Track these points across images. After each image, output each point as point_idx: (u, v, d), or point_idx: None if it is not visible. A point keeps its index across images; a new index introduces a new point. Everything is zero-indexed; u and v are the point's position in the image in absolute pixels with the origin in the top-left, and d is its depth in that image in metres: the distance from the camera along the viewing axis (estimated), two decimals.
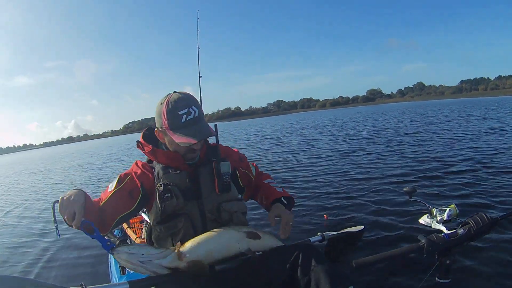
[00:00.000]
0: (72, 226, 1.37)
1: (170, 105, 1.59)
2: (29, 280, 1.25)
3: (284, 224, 1.65)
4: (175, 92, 1.65)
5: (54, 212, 1.42)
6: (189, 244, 1.48)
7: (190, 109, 1.58)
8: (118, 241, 2.64)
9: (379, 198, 4.81)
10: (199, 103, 1.66)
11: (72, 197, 1.38)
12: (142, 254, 1.39)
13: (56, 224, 1.42)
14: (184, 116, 1.57)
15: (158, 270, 1.41)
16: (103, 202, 1.61)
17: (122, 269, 2.62)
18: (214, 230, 1.55)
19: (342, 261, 2.03)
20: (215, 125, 1.81)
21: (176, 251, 1.44)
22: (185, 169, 1.69)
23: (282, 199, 1.85)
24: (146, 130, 1.80)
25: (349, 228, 2.58)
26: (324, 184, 6.02)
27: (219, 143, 1.82)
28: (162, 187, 1.62)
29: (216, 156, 1.76)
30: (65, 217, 1.36)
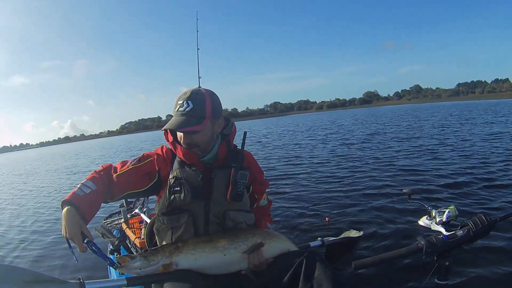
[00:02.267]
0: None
1: (179, 94, 1.67)
2: (27, 270, 1.25)
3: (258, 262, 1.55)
4: (199, 87, 1.71)
5: (68, 241, 1.48)
6: (184, 254, 1.48)
7: (185, 102, 1.60)
8: (117, 242, 2.61)
9: (378, 199, 4.80)
10: (206, 101, 1.64)
11: (71, 231, 1.44)
12: (140, 269, 1.46)
13: (71, 250, 1.50)
14: (178, 106, 1.62)
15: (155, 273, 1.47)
16: (118, 173, 1.67)
17: None
18: (218, 244, 1.52)
19: (342, 265, 2.03)
20: (244, 133, 1.85)
21: (167, 262, 1.47)
22: (200, 167, 1.68)
23: None
24: None
25: (348, 233, 2.57)
26: (323, 187, 5.96)
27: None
28: (173, 180, 1.63)
29: (238, 162, 1.73)
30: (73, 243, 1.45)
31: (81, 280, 1.32)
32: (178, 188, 1.60)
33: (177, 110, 1.61)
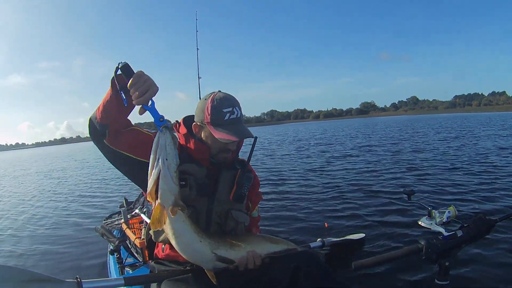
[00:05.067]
0: (137, 99, 1.30)
1: (215, 102, 1.57)
2: (24, 270, 1.24)
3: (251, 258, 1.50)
4: (219, 91, 1.64)
5: (116, 80, 1.33)
6: (183, 211, 1.40)
7: (234, 109, 1.57)
8: (117, 242, 2.61)
9: (378, 200, 4.82)
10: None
11: (151, 79, 1.31)
12: (166, 159, 1.31)
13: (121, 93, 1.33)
14: (228, 114, 1.55)
15: (162, 179, 1.33)
16: (134, 127, 1.58)
17: (121, 269, 2.60)
18: (201, 229, 1.47)
19: (342, 267, 2.03)
20: (255, 138, 1.81)
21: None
22: (207, 165, 1.66)
23: None
24: (187, 117, 1.77)
25: (350, 236, 2.58)
26: (324, 189, 5.98)
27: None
28: (179, 173, 1.53)
29: (243, 166, 1.73)
30: (136, 92, 1.28)
31: (79, 279, 1.30)
32: (184, 183, 1.56)
33: (230, 118, 1.56)
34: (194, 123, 1.66)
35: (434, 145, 9.95)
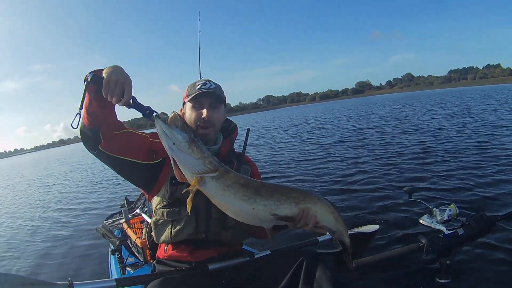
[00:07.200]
0: (117, 104, 1.30)
1: (192, 82, 1.69)
2: (15, 276, 1.24)
3: None
4: None
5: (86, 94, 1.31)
6: (218, 183, 1.32)
7: (207, 82, 1.65)
8: (118, 242, 2.59)
9: (378, 198, 4.74)
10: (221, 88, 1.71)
11: (123, 75, 1.28)
12: (173, 144, 1.26)
13: (80, 111, 1.34)
14: (200, 85, 1.62)
15: (180, 165, 1.30)
16: (126, 130, 1.53)
17: (122, 269, 2.59)
18: (253, 195, 1.35)
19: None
20: (248, 129, 1.88)
21: (202, 172, 1.29)
22: None
23: None
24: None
25: (362, 227, 2.54)
26: (320, 186, 5.90)
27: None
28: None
29: (239, 159, 1.75)
30: (113, 98, 1.27)
31: (70, 281, 1.29)
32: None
33: (202, 87, 1.61)
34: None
35: (434, 139, 9.30)
